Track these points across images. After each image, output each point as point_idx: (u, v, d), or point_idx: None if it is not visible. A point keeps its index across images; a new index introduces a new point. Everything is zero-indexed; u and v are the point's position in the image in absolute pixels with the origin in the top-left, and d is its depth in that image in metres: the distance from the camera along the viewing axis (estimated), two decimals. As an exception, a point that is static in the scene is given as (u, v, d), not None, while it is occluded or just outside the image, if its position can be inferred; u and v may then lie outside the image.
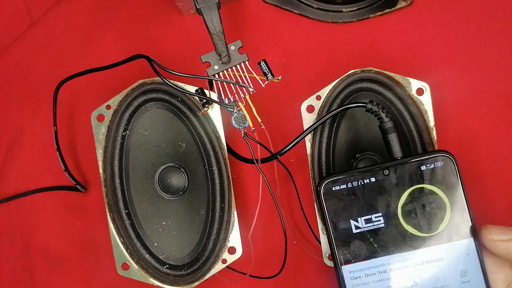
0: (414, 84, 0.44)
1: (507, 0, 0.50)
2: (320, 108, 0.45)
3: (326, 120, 0.43)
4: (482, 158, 0.49)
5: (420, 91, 0.44)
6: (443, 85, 0.49)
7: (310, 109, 0.46)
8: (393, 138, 0.39)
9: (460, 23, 0.50)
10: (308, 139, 0.45)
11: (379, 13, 0.50)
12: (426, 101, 0.44)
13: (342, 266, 0.38)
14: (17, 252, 0.52)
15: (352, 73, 0.45)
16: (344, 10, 0.50)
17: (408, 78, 0.44)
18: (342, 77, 0.45)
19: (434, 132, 0.44)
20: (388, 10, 0.50)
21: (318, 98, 0.45)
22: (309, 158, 0.45)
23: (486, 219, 0.47)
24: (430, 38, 0.50)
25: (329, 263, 0.45)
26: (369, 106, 0.40)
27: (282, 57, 0.51)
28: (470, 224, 0.37)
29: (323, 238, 0.45)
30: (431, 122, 0.44)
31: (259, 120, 0.42)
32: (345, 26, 0.51)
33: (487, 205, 0.49)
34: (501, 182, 0.49)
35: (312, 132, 0.44)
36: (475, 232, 0.37)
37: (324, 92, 0.45)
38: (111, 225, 0.45)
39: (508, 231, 0.37)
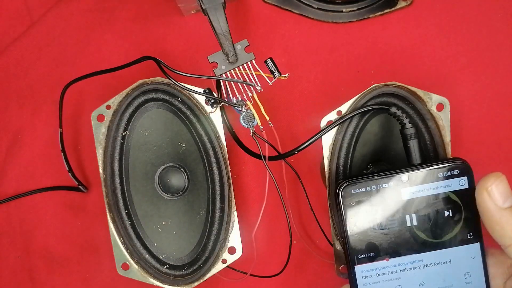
0: (435, 99, 0.43)
1: (507, 0, 0.50)
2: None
3: (338, 124, 0.43)
4: (483, 157, 0.49)
5: (440, 107, 0.44)
6: (442, 84, 0.49)
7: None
8: (414, 145, 0.39)
9: (460, 23, 0.50)
10: (327, 146, 0.44)
11: (379, 13, 0.50)
12: (445, 117, 0.44)
13: (355, 266, 0.38)
14: (17, 252, 0.52)
15: (374, 87, 0.44)
16: (344, 10, 0.50)
17: (429, 93, 0.43)
18: (364, 91, 0.44)
19: (449, 148, 0.44)
20: (388, 10, 0.50)
21: (339, 113, 0.44)
22: (326, 169, 0.44)
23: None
24: (430, 38, 0.50)
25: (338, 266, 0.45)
26: (393, 110, 0.39)
27: (282, 57, 0.51)
28: (479, 229, 0.38)
29: (335, 241, 0.44)
30: (448, 138, 0.44)
31: (267, 118, 0.41)
32: (345, 26, 0.51)
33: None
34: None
35: (333, 141, 0.43)
36: (482, 237, 0.38)
37: (345, 107, 0.44)
38: (111, 225, 0.45)
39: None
